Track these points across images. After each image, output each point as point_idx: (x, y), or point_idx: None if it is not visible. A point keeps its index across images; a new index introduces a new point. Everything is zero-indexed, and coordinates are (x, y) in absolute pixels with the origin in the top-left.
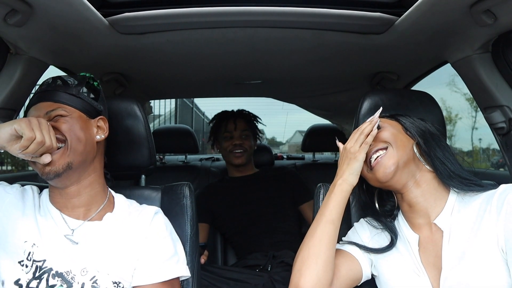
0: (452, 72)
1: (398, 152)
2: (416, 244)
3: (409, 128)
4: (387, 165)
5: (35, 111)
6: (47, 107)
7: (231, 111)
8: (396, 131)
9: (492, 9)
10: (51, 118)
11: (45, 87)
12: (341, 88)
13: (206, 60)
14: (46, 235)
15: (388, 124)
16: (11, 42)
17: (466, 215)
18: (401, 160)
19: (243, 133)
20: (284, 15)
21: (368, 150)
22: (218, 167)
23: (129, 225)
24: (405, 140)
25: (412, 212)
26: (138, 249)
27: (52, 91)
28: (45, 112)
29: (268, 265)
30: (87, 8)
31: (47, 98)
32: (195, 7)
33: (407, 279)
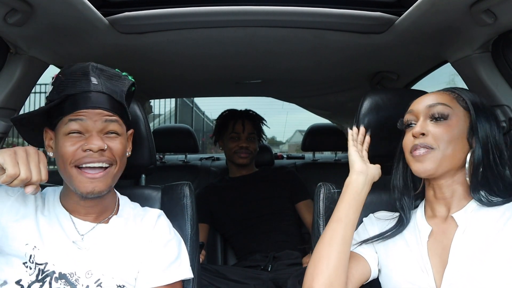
0: (452, 72)
1: (442, 160)
2: (426, 235)
3: (477, 133)
4: (425, 168)
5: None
6: (100, 117)
7: (239, 111)
8: (457, 134)
9: (492, 9)
10: (104, 132)
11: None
12: (341, 87)
13: (206, 60)
14: (49, 237)
15: (455, 116)
16: (11, 41)
17: (488, 216)
18: (442, 168)
19: (250, 135)
20: (284, 15)
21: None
22: (218, 166)
23: (134, 228)
24: (460, 148)
25: (435, 202)
26: (142, 253)
27: (107, 95)
28: (101, 127)
29: (269, 266)
30: (87, 7)
31: (102, 103)
32: (195, 6)
33: (409, 271)
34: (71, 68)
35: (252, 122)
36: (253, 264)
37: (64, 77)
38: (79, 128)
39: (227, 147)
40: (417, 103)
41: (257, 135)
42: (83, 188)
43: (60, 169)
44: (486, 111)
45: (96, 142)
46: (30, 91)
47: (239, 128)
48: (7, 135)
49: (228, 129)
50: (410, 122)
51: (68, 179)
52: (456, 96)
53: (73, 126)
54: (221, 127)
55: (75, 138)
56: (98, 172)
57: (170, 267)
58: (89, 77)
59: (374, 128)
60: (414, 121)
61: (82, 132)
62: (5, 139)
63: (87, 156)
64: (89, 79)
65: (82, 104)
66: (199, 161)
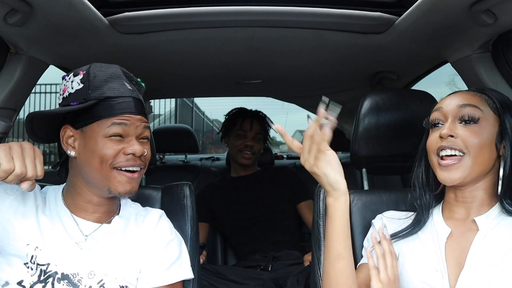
0: (452, 72)
1: (472, 167)
2: (445, 236)
3: (507, 138)
4: (453, 177)
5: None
6: (140, 123)
7: (249, 110)
8: (486, 138)
9: (492, 9)
10: (140, 137)
11: (135, 89)
12: (341, 87)
13: (206, 60)
14: (50, 237)
15: (485, 121)
16: (11, 41)
17: (509, 226)
18: (471, 176)
19: (257, 135)
20: (284, 15)
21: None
22: (218, 166)
23: (136, 229)
24: (489, 154)
25: (454, 205)
26: (144, 253)
27: (141, 102)
28: (139, 133)
29: (269, 266)
30: (87, 7)
31: (139, 110)
32: (195, 6)
33: (423, 271)
34: (100, 68)
35: (260, 123)
36: (253, 264)
37: (95, 77)
38: (121, 132)
39: (233, 144)
40: (446, 102)
41: (263, 136)
42: (122, 188)
43: (92, 169)
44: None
45: (139, 148)
46: (30, 91)
47: (247, 126)
48: (7, 135)
49: (236, 126)
50: (437, 121)
51: (103, 179)
52: (486, 98)
53: (116, 129)
54: (229, 124)
55: (116, 141)
56: (134, 173)
57: (171, 267)
58: (122, 82)
59: (374, 128)
60: (441, 121)
61: (123, 136)
62: (5, 139)
63: (129, 159)
64: (124, 84)
65: (126, 108)
66: (199, 161)
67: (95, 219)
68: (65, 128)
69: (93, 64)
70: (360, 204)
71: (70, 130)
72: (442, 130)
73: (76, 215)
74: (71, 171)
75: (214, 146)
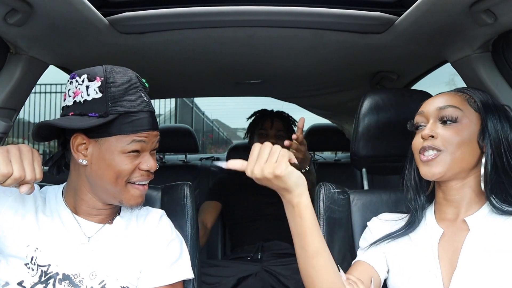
0: (452, 72)
1: (451, 163)
2: (438, 237)
3: (487, 136)
4: (433, 171)
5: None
6: (155, 138)
7: (270, 111)
8: (467, 137)
9: (492, 9)
10: (151, 150)
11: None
12: (341, 87)
13: (206, 60)
14: (51, 238)
15: (466, 119)
16: (11, 41)
17: (500, 224)
18: (451, 171)
19: (279, 133)
20: (283, 15)
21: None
22: (218, 166)
23: (137, 228)
24: (470, 152)
25: (444, 204)
26: (145, 253)
27: (154, 114)
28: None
29: (258, 254)
30: (87, 7)
31: (155, 124)
32: (194, 6)
33: (417, 272)
34: (117, 75)
35: (281, 121)
36: (244, 255)
37: (114, 86)
38: (139, 149)
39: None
40: (427, 105)
41: (285, 134)
42: (134, 201)
43: (106, 182)
44: (499, 112)
45: (154, 164)
46: (30, 91)
47: (268, 124)
48: (7, 135)
49: (258, 126)
50: (420, 124)
51: (117, 193)
52: (468, 98)
53: (136, 146)
54: (252, 126)
55: (133, 156)
56: (144, 187)
57: (172, 266)
58: (140, 93)
59: (374, 128)
60: (424, 123)
61: (140, 151)
62: (5, 139)
63: (143, 175)
64: (141, 95)
65: (146, 125)
66: (199, 161)
67: (98, 220)
68: (77, 135)
69: (108, 68)
70: (360, 204)
71: (83, 138)
72: (423, 131)
73: (79, 216)
74: (75, 175)
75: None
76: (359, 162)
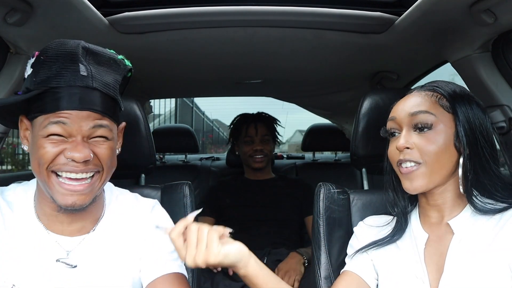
0: (452, 72)
1: (431, 175)
2: (423, 242)
3: (463, 136)
4: (415, 185)
5: (69, 127)
6: (88, 120)
7: (251, 115)
8: (443, 143)
9: (492, 9)
10: (90, 137)
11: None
12: (341, 87)
13: (206, 60)
14: (25, 259)
15: (440, 124)
16: (11, 41)
17: (483, 225)
18: (433, 182)
19: (264, 138)
20: (284, 15)
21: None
22: (218, 166)
23: (127, 227)
24: (448, 158)
25: (428, 209)
26: (139, 250)
27: (97, 92)
28: (87, 133)
29: (264, 258)
30: (87, 7)
31: (91, 103)
32: (195, 6)
33: (404, 277)
34: (56, 46)
35: (265, 124)
36: None
37: (46, 58)
38: (61, 132)
39: (242, 151)
40: (398, 110)
41: (272, 136)
42: (62, 200)
43: (34, 170)
44: (473, 107)
45: (80, 152)
46: None
47: (252, 131)
48: (7, 135)
49: (242, 133)
50: (393, 131)
51: (44, 184)
52: (438, 98)
53: (53, 128)
54: (235, 132)
55: (56, 141)
56: (80, 183)
57: (171, 255)
58: (77, 65)
59: (373, 128)
60: (397, 130)
61: (64, 136)
62: (5, 139)
63: (68, 163)
64: (77, 68)
65: (67, 103)
66: (199, 161)
67: (76, 231)
68: (21, 119)
69: (54, 41)
70: (360, 204)
71: (25, 121)
72: (398, 142)
73: (52, 231)
74: None
75: (214, 146)
76: (359, 162)
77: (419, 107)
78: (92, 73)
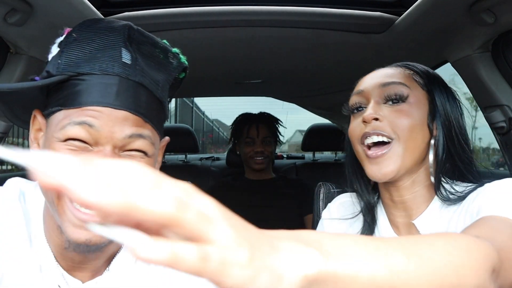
0: (452, 72)
1: (404, 155)
2: None
3: (438, 116)
4: (385, 171)
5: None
6: (124, 124)
7: (253, 115)
8: (418, 119)
9: (492, 9)
10: (124, 149)
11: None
12: (341, 87)
13: (206, 60)
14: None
15: (414, 98)
16: (11, 41)
17: (450, 215)
18: (405, 166)
19: (265, 139)
20: (284, 15)
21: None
22: (218, 166)
23: None
24: (422, 137)
25: (393, 207)
26: None
27: (143, 89)
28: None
29: None
30: (87, 7)
31: (132, 103)
32: (194, 6)
33: None
34: (94, 24)
35: (266, 126)
36: None
37: (79, 36)
38: (84, 137)
39: (243, 151)
40: (366, 82)
41: (272, 138)
42: (73, 234)
43: (40, 187)
44: (447, 92)
45: None
46: None
47: (253, 132)
48: (7, 135)
49: (243, 134)
50: (358, 105)
51: (52, 207)
52: (412, 73)
53: (74, 131)
54: (236, 132)
55: (75, 148)
56: None
57: None
58: (119, 49)
59: None
60: (363, 104)
61: (88, 142)
62: (5, 139)
63: None
64: (119, 54)
65: (98, 96)
66: (199, 161)
67: (88, 276)
68: (35, 114)
69: (94, 19)
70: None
71: (39, 118)
72: (365, 113)
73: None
74: None
75: (214, 146)
76: None
77: (391, 78)
78: (138, 63)
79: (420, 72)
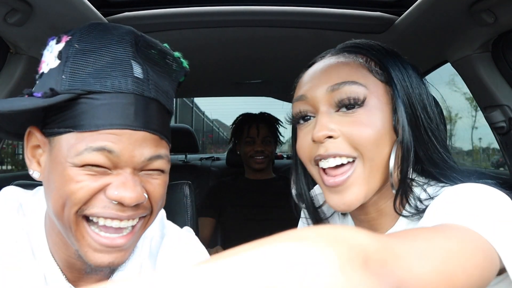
0: (452, 72)
1: (370, 175)
2: None
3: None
4: (348, 201)
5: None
6: (147, 149)
7: (253, 115)
8: (381, 125)
9: (492, 9)
10: (143, 169)
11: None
12: None
13: (206, 60)
14: None
15: (373, 98)
16: (11, 41)
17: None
18: (372, 188)
19: (265, 139)
20: (284, 15)
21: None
22: (218, 166)
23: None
24: (389, 144)
25: (357, 223)
26: None
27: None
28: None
29: None
30: (87, 7)
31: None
32: (194, 6)
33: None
34: (96, 31)
35: (267, 125)
36: None
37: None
38: (103, 163)
39: (243, 151)
40: (311, 83)
41: (273, 137)
42: (95, 259)
43: (55, 213)
44: (408, 71)
45: (133, 191)
46: None
47: (254, 132)
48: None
49: (243, 133)
50: (304, 114)
51: (67, 233)
52: (367, 60)
53: (93, 157)
54: (237, 132)
55: (95, 173)
56: (121, 236)
57: None
58: (129, 62)
59: None
60: (310, 112)
61: (107, 167)
62: (5, 139)
63: (110, 207)
64: (130, 68)
65: (116, 118)
66: (199, 161)
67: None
68: (31, 131)
69: (92, 23)
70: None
71: (36, 135)
72: (314, 131)
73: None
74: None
75: (214, 146)
76: None
77: (341, 77)
78: (150, 76)
79: (373, 57)
